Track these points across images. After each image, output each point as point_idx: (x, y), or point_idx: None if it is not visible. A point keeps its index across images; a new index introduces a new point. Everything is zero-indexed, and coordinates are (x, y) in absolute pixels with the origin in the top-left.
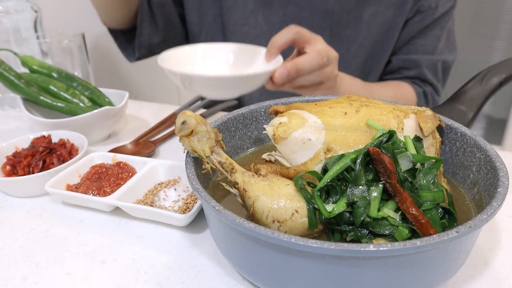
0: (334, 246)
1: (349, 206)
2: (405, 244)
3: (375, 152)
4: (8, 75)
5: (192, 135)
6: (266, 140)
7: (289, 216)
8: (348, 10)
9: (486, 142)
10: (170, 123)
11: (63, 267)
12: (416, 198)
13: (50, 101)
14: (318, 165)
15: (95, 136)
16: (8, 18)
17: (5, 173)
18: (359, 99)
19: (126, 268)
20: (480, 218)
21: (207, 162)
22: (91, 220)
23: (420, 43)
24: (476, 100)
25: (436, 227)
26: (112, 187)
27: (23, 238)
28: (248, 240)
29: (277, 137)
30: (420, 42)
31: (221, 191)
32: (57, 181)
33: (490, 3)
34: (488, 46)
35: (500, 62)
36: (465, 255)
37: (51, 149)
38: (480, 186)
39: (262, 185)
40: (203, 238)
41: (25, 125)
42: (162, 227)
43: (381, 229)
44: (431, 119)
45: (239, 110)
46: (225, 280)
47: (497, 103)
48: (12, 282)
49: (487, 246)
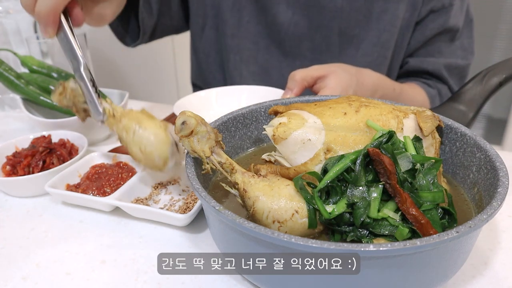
0: (334, 246)
1: (349, 206)
2: (405, 244)
3: (375, 153)
4: (8, 75)
5: (192, 135)
6: (266, 140)
7: (289, 216)
8: (357, 7)
9: (486, 142)
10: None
11: (63, 267)
12: (416, 199)
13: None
14: (318, 166)
15: (95, 136)
16: (8, 18)
17: (5, 173)
18: (358, 99)
19: (126, 268)
20: (480, 218)
21: (207, 163)
22: (91, 220)
23: (437, 45)
24: (476, 100)
25: (436, 227)
26: (112, 187)
27: (23, 238)
28: (248, 240)
29: (277, 138)
30: (437, 44)
31: (221, 191)
32: (57, 181)
33: (490, 3)
34: (488, 46)
35: (500, 62)
36: (465, 255)
37: (51, 149)
38: (480, 186)
39: (262, 186)
40: (203, 238)
41: (25, 125)
42: (162, 227)
43: (381, 230)
44: (431, 119)
45: (239, 110)
46: (225, 280)
47: (497, 103)
48: (12, 282)
49: (487, 246)
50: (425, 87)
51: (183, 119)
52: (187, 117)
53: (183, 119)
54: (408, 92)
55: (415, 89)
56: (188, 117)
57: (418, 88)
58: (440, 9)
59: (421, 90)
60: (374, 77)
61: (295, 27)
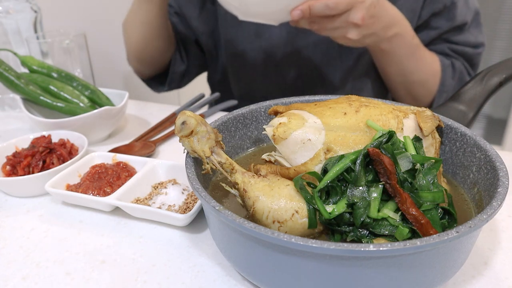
0: (334, 246)
1: (349, 206)
2: (405, 244)
3: (375, 153)
4: (8, 75)
5: (192, 135)
6: (266, 140)
7: (289, 216)
8: None
9: (486, 142)
10: (170, 123)
11: (63, 267)
12: (416, 199)
13: (50, 101)
14: (318, 166)
15: (95, 136)
16: (8, 18)
17: (5, 173)
18: (358, 99)
19: (126, 268)
20: (480, 218)
21: (207, 163)
22: (91, 220)
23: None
24: (476, 100)
25: (436, 227)
26: (112, 187)
27: (23, 238)
28: (248, 240)
29: (277, 138)
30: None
31: (221, 191)
32: (57, 181)
33: (490, 3)
34: (488, 46)
35: (500, 62)
36: (465, 255)
37: (51, 149)
38: (480, 186)
39: (262, 186)
40: (203, 238)
41: (25, 125)
42: (162, 227)
43: (381, 230)
44: (431, 119)
45: (239, 110)
46: (225, 280)
47: (497, 103)
48: (12, 282)
49: (487, 246)
50: (439, 56)
51: (183, 119)
52: (187, 117)
53: (183, 119)
54: (425, 51)
55: (431, 53)
56: (188, 117)
57: (434, 54)
58: (442, 10)
59: (435, 56)
60: (397, 12)
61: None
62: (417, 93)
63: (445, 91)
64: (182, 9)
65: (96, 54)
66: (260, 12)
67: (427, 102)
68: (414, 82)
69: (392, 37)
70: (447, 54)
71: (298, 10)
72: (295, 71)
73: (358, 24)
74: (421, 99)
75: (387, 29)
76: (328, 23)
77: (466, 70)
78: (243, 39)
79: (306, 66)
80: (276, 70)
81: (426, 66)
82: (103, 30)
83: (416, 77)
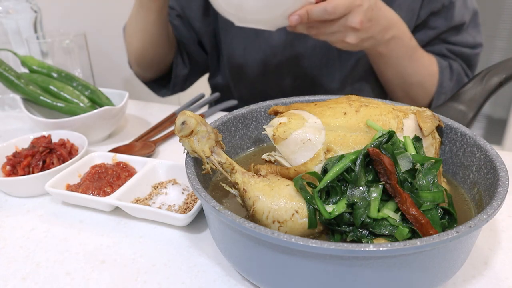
0: (334, 246)
1: (349, 206)
2: (405, 244)
3: (375, 153)
4: (8, 75)
5: (192, 135)
6: (266, 140)
7: (289, 216)
8: None
9: (486, 142)
10: (170, 123)
11: (63, 267)
12: (416, 199)
13: (50, 101)
14: (318, 166)
15: (95, 136)
16: (8, 18)
17: (5, 173)
18: (358, 99)
19: (126, 268)
20: (480, 218)
21: (207, 163)
22: (91, 220)
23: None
24: (476, 100)
25: (436, 227)
26: (112, 187)
27: (23, 238)
28: (248, 240)
29: (277, 138)
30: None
31: (221, 191)
32: (57, 181)
33: (490, 3)
34: (488, 46)
35: (500, 62)
36: (465, 255)
37: (51, 149)
38: (480, 186)
39: (262, 186)
40: (203, 238)
41: (25, 125)
42: (162, 227)
43: (381, 230)
44: (431, 119)
45: (239, 110)
46: (225, 280)
47: (497, 103)
48: (12, 282)
49: (487, 246)
50: (436, 57)
51: (183, 119)
52: (187, 117)
53: (183, 119)
54: (423, 52)
55: (429, 54)
56: (188, 117)
57: (431, 55)
58: (440, 9)
59: (433, 58)
60: (394, 15)
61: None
62: (415, 95)
63: (443, 92)
64: (184, 11)
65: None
66: (257, 18)
67: (425, 104)
68: (412, 84)
69: (389, 40)
70: (445, 55)
71: (296, 16)
72: (294, 74)
73: (357, 28)
74: (419, 101)
75: (385, 32)
76: (326, 28)
77: (464, 72)
78: (243, 40)
79: (305, 69)
80: (275, 72)
81: (423, 68)
82: (103, 30)
83: (414, 79)
